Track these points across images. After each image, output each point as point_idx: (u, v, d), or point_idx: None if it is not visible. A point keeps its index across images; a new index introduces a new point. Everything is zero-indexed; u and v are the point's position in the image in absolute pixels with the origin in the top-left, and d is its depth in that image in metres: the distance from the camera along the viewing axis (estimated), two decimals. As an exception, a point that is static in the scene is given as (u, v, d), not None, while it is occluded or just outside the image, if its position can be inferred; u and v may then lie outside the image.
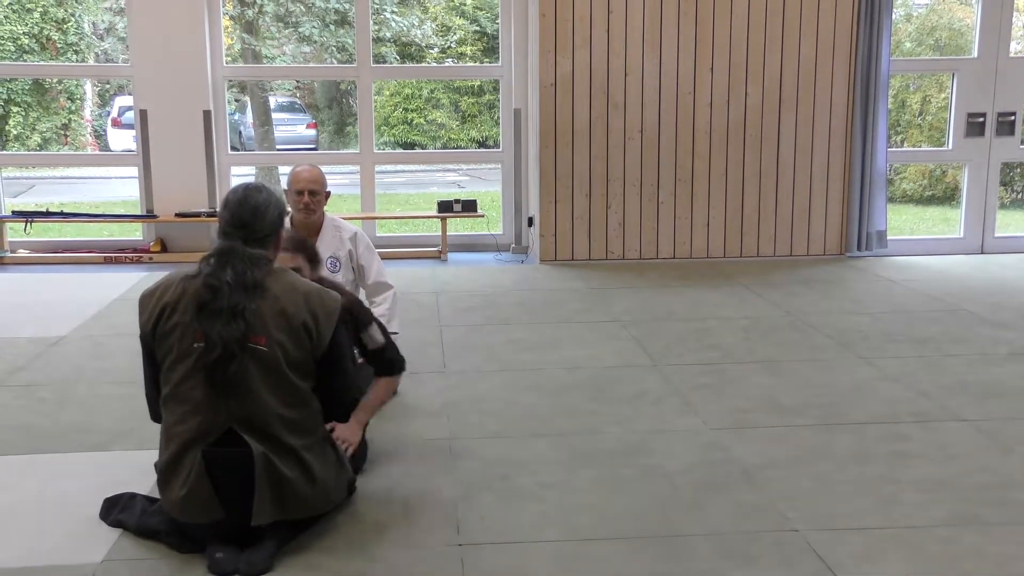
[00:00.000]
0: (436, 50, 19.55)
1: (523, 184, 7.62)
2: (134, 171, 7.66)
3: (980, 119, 7.46)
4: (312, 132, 19.29)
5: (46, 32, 17.55)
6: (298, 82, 20.43)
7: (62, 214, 8.16)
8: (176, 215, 7.30)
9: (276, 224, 2.83)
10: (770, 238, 7.27)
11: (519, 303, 5.91)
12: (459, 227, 8.80)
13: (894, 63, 7.45)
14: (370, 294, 4.30)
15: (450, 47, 19.56)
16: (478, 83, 19.00)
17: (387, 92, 19.18)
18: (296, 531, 2.76)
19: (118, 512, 2.90)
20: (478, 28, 19.65)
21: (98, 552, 2.73)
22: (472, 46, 19.55)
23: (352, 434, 3.16)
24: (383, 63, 16.40)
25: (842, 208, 7.26)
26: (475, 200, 7.82)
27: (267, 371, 2.67)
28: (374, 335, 3.35)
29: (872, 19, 7.01)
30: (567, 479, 3.24)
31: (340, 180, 11.87)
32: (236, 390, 2.63)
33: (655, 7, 6.93)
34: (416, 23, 18.46)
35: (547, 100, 6.99)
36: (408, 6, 18.35)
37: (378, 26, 16.90)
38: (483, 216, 8.03)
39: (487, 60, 18.33)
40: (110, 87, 19.46)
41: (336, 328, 2.78)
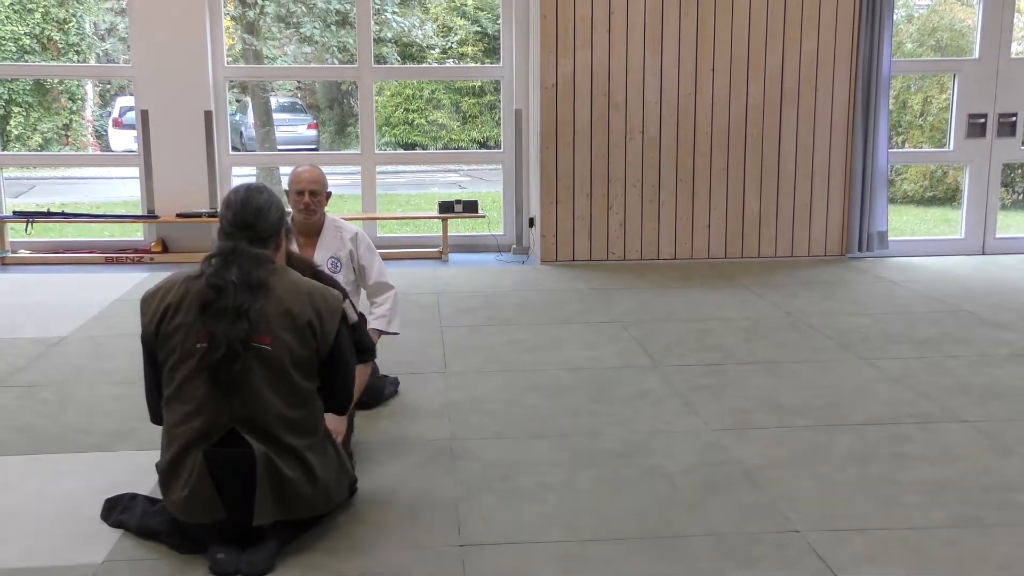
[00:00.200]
0: (437, 51, 19.55)
1: (524, 185, 7.62)
2: (135, 171, 7.66)
3: (981, 120, 7.46)
4: (313, 132, 19.28)
5: (47, 32, 17.56)
6: (299, 82, 20.43)
7: (63, 214, 8.16)
8: (177, 215, 7.30)
9: (278, 224, 2.84)
10: (771, 239, 7.27)
11: (520, 304, 5.91)
12: (460, 228, 8.79)
13: (895, 64, 7.44)
14: (371, 294, 4.30)
15: (451, 48, 19.56)
16: (479, 84, 19.00)
17: (388, 92, 19.18)
18: (297, 531, 2.77)
19: (119, 513, 2.90)
20: (479, 29, 19.65)
21: (99, 553, 2.73)
22: (473, 47, 19.55)
23: (338, 423, 3.19)
24: (384, 64, 16.40)
25: (843, 209, 7.26)
26: (476, 201, 7.82)
27: (270, 371, 2.67)
28: (348, 311, 3.31)
29: (873, 20, 7.01)
30: (568, 480, 3.24)
31: (341, 180, 11.88)
32: (239, 390, 2.64)
33: (656, 8, 6.93)
34: (417, 24, 18.47)
35: (548, 100, 6.99)
36: (409, 7, 18.35)
37: (379, 27, 16.90)
38: (484, 217, 8.02)
39: (488, 61, 18.34)
40: (111, 87, 19.46)
41: (339, 326, 2.80)
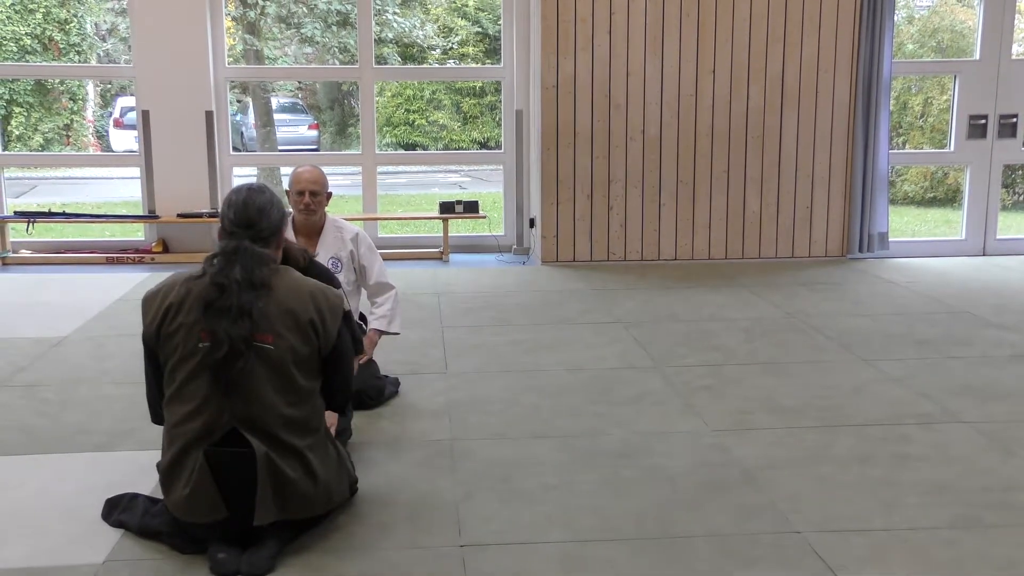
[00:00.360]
0: (438, 51, 19.55)
1: (525, 185, 7.62)
2: (136, 172, 7.67)
3: (982, 121, 7.46)
4: (314, 133, 19.27)
5: (48, 33, 17.56)
6: (300, 83, 20.43)
7: (64, 214, 8.15)
8: (178, 216, 7.30)
9: (279, 224, 2.85)
10: (771, 239, 7.27)
11: (520, 304, 5.91)
12: (461, 228, 8.79)
13: (896, 65, 7.44)
14: (372, 294, 4.30)
15: (452, 48, 19.55)
16: (480, 84, 19.00)
17: (389, 93, 19.18)
18: (298, 531, 2.77)
19: (120, 513, 2.90)
20: (480, 29, 19.65)
21: (100, 553, 2.73)
22: (474, 47, 19.55)
23: (331, 417, 3.19)
24: (385, 64, 16.40)
25: (844, 210, 7.26)
26: (477, 201, 7.81)
27: (272, 370, 2.67)
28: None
29: (874, 21, 7.01)
30: (569, 480, 3.24)
31: (342, 181, 11.88)
32: (241, 389, 2.64)
33: (657, 9, 6.94)
34: (418, 24, 18.46)
35: (549, 101, 6.99)
36: (410, 7, 18.34)
37: (380, 27, 16.90)
38: (485, 217, 8.02)
39: (489, 61, 18.34)
40: (112, 87, 19.47)
41: (340, 325, 2.80)
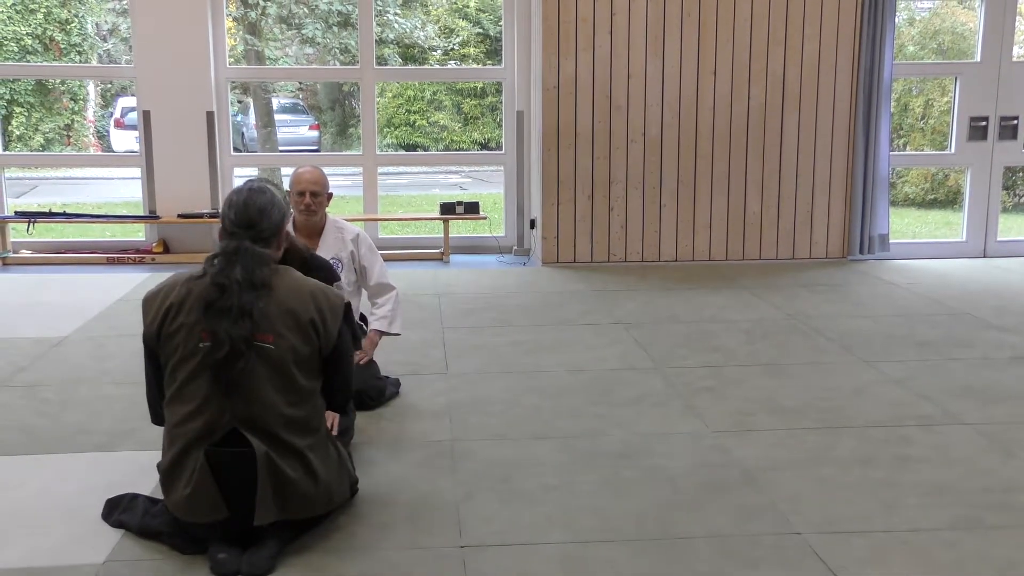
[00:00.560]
0: (439, 52, 19.54)
1: (525, 186, 7.62)
2: (137, 172, 7.67)
3: (983, 123, 7.46)
4: (315, 134, 19.27)
5: (49, 33, 17.57)
6: (301, 84, 20.43)
7: (65, 215, 8.16)
8: (179, 216, 7.30)
9: (280, 224, 2.85)
10: (772, 241, 7.27)
11: (521, 305, 5.91)
12: (461, 229, 8.80)
13: (897, 67, 7.44)
14: (372, 295, 4.30)
15: (453, 49, 19.55)
16: (480, 85, 19.00)
17: (390, 94, 19.18)
18: (298, 531, 2.77)
19: (120, 513, 2.90)
20: (481, 30, 19.65)
21: (100, 553, 2.73)
22: (475, 48, 19.55)
23: (330, 415, 3.19)
24: (386, 65, 16.40)
25: (844, 211, 7.26)
26: (477, 202, 7.81)
27: (273, 370, 2.67)
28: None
29: (875, 22, 7.01)
30: (569, 481, 3.24)
31: (342, 182, 11.88)
32: (241, 389, 2.64)
33: (658, 9, 6.94)
34: (419, 25, 18.45)
35: (549, 102, 6.99)
36: (411, 8, 18.34)
37: (381, 28, 16.89)
38: (485, 218, 8.03)
39: (490, 62, 18.33)
40: (113, 88, 19.47)
41: (341, 324, 2.80)
